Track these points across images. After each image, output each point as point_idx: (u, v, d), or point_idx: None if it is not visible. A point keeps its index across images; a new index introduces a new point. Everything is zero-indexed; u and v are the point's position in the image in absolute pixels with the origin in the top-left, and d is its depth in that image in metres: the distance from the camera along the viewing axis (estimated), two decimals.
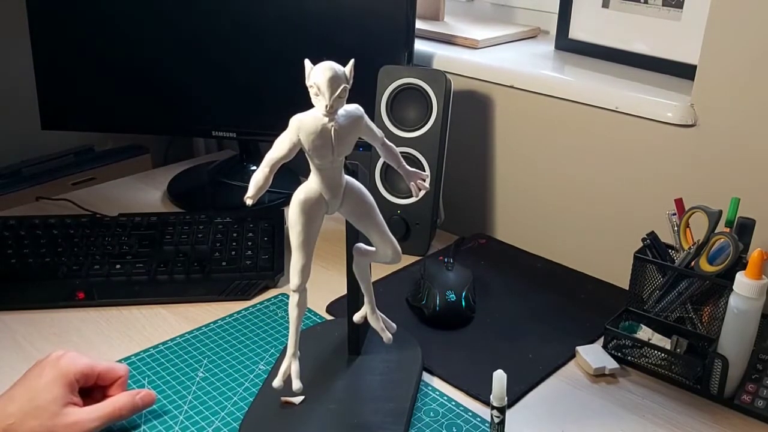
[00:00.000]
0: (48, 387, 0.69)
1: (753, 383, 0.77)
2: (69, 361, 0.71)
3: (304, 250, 0.67)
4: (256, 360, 0.84)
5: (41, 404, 0.68)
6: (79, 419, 0.69)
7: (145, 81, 1.20)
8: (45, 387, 0.69)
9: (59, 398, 0.68)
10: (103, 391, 0.74)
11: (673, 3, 1.01)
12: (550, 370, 0.83)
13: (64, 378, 0.70)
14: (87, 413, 0.70)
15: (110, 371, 0.74)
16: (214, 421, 0.74)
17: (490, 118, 1.12)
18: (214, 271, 0.99)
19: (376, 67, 1.05)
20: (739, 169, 0.88)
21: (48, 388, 0.69)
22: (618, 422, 0.76)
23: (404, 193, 1.07)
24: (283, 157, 0.64)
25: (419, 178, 0.74)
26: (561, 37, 1.14)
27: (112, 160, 1.47)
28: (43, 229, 1.06)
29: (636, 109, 0.95)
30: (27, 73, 1.17)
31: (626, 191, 0.99)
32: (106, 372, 0.74)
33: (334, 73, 0.62)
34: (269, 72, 1.16)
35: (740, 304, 0.75)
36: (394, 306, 0.91)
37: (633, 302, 0.86)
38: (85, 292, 0.95)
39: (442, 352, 0.85)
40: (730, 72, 0.87)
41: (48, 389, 0.69)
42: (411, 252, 1.06)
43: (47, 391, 0.68)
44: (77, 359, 0.72)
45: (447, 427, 0.74)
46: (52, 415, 0.67)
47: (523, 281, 1.01)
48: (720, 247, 0.80)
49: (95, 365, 0.73)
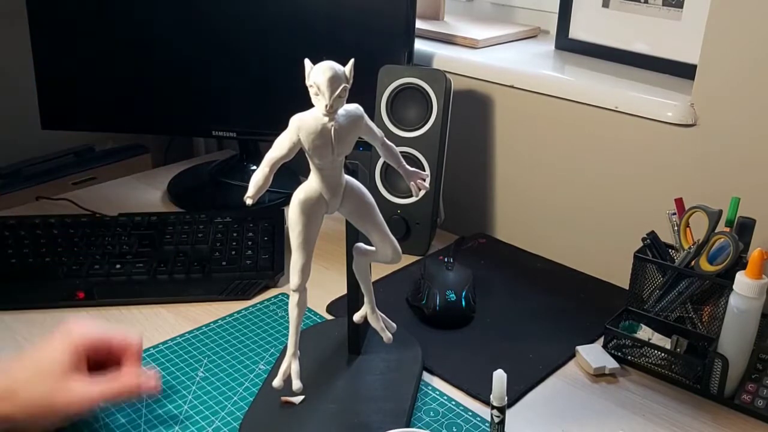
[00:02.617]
0: (54, 354, 0.68)
1: (753, 383, 0.77)
2: (80, 330, 0.71)
3: (304, 249, 0.67)
4: (256, 360, 0.84)
5: (46, 370, 0.67)
6: (80, 390, 0.68)
7: (145, 81, 1.20)
8: (52, 354, 0.69)
9: (64, 366, 0.68)
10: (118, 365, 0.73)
11: (673, 3, 1.00)
12: (550, 370, 0.83)
13: (71, 347, 0.69)
14: (89, 385, 0.69)
15: (122, 341, 0.73)
16: (214, 421, 0.74)
17: (490, 118, 1.12)
18: (214, 270, 0.99)
19: (376, 66, 1.05)
20: (739, 169, 0.89)
21: (54, 355, 0.68)
22: (618, 422, 0.76)
23: (404, 192, 1.07)
24: (283, 157, 0.64)
25: (419, 178, 0.74)
26: (561, 36, 1.14)
27: (112, 159, 1.47)
28: (43, 229, 1.06)
29: (636, 108, 0.95)
30: (27, 73, 1.18)
31: (626, 191, 0.99)
32: (119, 343, 0.73)
33: (334, 72, 0.62)
34: (269, 72, 1.16)
35: (740, 303, 0.75)
36: (394, 306, 0.91)
37: (633, 302, 0.86)
38: (85, 291, 0.95)
39: (442, 352, 0.85)
40: (730, 72, 0.87)
41: (55, 356, 0.68)
42: (411, 252, 1.06)
43: (53, 358, 0.68)
44: (89, 329, 0.71)
45: (447, 426, 0.74)
46: (54, 383, 0.67)
47: (523, 281, 1.01)
48: (720, 246, 0.80)
49: (107, 336, 0.72)
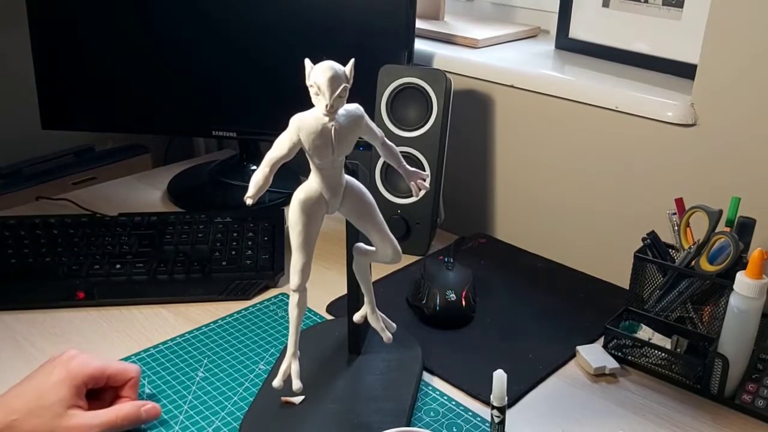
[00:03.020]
0: (55, 387, 0.69)
1: (753, 383, 0.77)
2: (80, 363, 0.71)
3: (304, 249, 0.67)
4: (256, 360, 0.84)
5: (46, 404, 0.68)
6: (80, 423, 0.68)
7: (145, 81, 1.20)
8: (52, 387, 0.69)
9: (64, 400, 0.68)
10: (115, 391, 0.74)
11: (674, 2, 1.00)
12: (551, 370, 0.83)
13: (72, 380, 0.70)
14: (89, 418, 0.69)
15: (121, 373, 0.74)
16: (214, 421, 0.74)
17: (490, 118, 1.12)
18: (214, 270, 0.99)
19: (376, 66, 1.05)
20: (739, 169, 0.88)
21: (55, 388, 0.69)
22: (618, 422, 0.76)
23: (404, 192, 1.07)
24: (283, 157, 0.64)
25: (419, 178, 0.74)
26: (561, 36, 1.14)
27: (112, 159, 1.47)
28: (43, 228, 1.06)
29: (636, 108, 0.95)
30: (27, 73, 1.18)
31: (626, 190, 0.99)
32: (117, 374, 0.74)
33: (335, 72, 0.62)
34: (269, 72, 1.16)
35: (740, 303, 0.74)
36: (394, 306, 0.91)
37: (633, 302, 0.86)
38: (85, 291, 0.95)
39: (442, 352, 0.85)
40: (730, 72, 0.87)
41: (55, 390, 0.69)
42: (411, 252, 1.06)
43: (54, 391, 0.68)
44: (89, 362, 0.72)
45: (447, 426, 0.74)
46: (54, 416, 0.67)
47: (523, 281, 1.01)
48: (720, 246, 0.80)
49: (106, 368, 0.73)
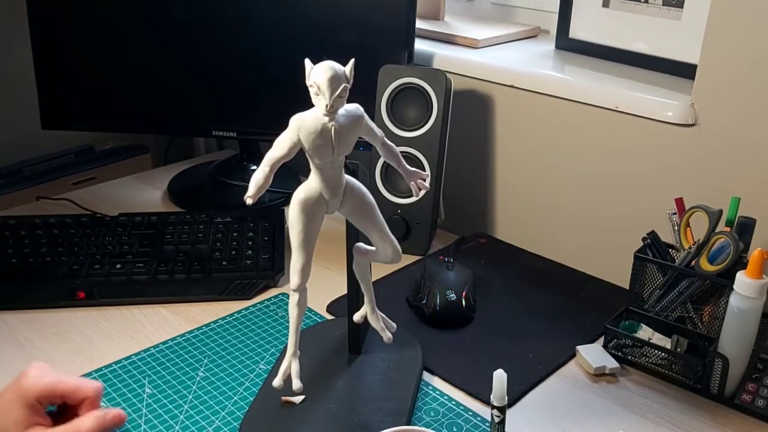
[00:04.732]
0: (9, 408, 0.66)
1: (753, 383, 0.77)
2: (30, 380, 0.67)
3: (304, 249, 0.67)
4: (256, 360, 0.84)
5: (3, 425, 0.65)
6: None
7: (145, 81, 1.20)
8: (6, 408, 0.66)
9: (21, 420, 0.65)
10: (75, 410, 0.69)
11: (674, 2, 1.00)
12: (551, 370, 0.83)
13: (23, 399, 0.66)
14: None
15: (76, 391, 0.69)
16: (214, 421, 0.74)
17: (490, 118, 1.12)
18: (215, 270, 0.99)
19: (376, 66, 1.05)
20: (739, 169, 0.88)
21: (9, 408, 0.66)
22: (618, 422, 0.76)
23: (404, 192, 1.07)
24: (284, 157, 0.64)
25: (419, 178, 0.74)
26: (561, 36, 1.14)
27: (112, 159, 1.47)
28: (43, 228, 1.06)
29: (636, 108, 0.95)
30: (27, 73, 1.18)
31: (626, 190, 0.99)
32: (71, 392, 0.69)
33: (335, 72, 0.62)
34: (269, 72, 1.16)
35: (741, 303, 0.74)
36: (394, 306, 0.91)
37: (633, 302, 0.86)
38: (85, 291, 0.95)
39: (442, 352, 0.85)
40: (730, 72, 0.87)
41: (9, 410, 0.66)
42: (411, 251, 1.06)
43: (8, 412, 0.66)
44: (39, 378, 0.68)
45: (447, 426, 0.74)
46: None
47: (523, 281, 1.01)
48: (720, 246, 0.80)
49: (57, 385, 0.68)
